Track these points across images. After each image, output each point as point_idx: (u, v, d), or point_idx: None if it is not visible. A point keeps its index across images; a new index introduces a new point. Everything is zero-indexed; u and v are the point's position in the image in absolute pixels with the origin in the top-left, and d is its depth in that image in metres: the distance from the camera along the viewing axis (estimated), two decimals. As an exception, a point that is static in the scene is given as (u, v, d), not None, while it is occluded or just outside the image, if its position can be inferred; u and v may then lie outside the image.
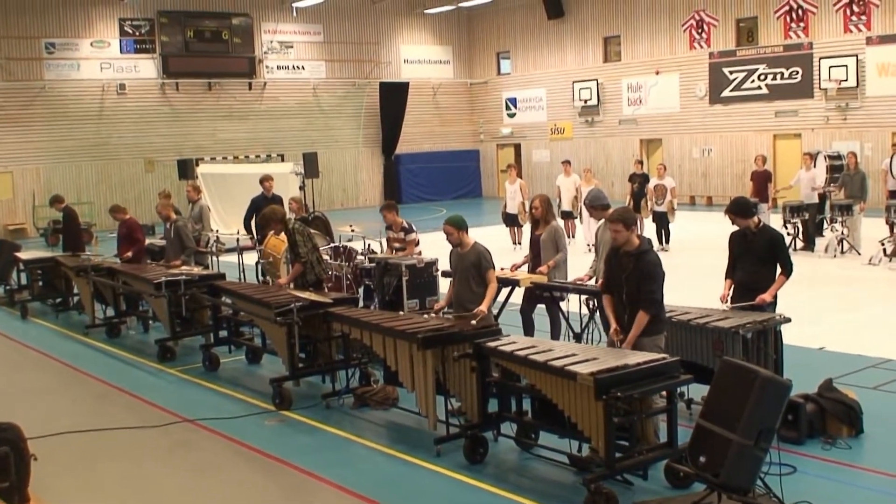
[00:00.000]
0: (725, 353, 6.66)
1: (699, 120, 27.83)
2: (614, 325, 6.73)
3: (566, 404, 5.85)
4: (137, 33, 28.47)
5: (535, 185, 28.83)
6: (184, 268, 11.30)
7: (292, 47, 31.31)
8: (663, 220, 17.46)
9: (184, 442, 7.60)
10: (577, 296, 8.89)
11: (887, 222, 14.98)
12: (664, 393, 6.05)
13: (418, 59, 34.12)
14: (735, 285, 7.66)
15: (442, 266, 9.71)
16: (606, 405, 5.54)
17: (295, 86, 31.32)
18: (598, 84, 30.39)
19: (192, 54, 29.18)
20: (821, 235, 16.97)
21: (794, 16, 24.88)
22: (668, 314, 7.02)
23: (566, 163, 19.49)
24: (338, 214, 23.50)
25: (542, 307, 9.23)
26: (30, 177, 26.67)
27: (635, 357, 5.98)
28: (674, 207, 17.40)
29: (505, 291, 9.12)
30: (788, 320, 7.19)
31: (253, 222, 13.70)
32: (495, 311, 8.62)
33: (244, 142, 29.61)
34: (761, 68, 25.87)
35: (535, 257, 9.39)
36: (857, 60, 23.37)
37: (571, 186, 18.51)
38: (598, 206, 8.78)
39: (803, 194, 17.00)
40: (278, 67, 31.02)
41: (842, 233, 15.65)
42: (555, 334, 9.11)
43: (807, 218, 16.42)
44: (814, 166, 17.40)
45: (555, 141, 32.27)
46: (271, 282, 11.31)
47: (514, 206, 18.28)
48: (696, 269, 14.27)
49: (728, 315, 7.21)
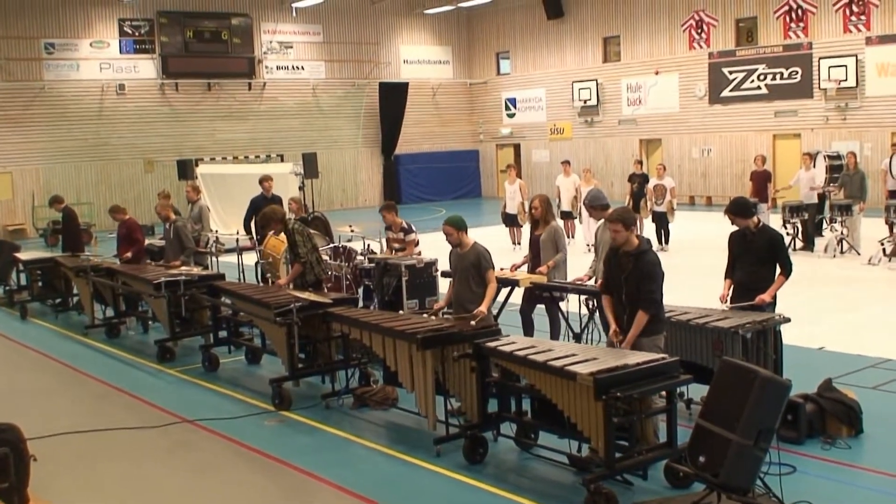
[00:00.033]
0: (725, 353, 6.67)
1: (699, 120, 27.83)
2: (614, 326, 6.72)
3: (566, 404, 5.85)
4: (137, 34, 28.47)
5: (534, 185, 28.84)
6: (183, 268, 11.30)
7: (292, 47, 31.30)
8: (663, 221, 17.46)
9: (183, 442, 7.60)
10: (577, 296, 8.90)
11: (887, 222, 14.98)
12: (664, 393, 6.06)
13: (418, 60, 34.12)
14: (734, 285, 7.67)
15: (441, 266, 9.71)
16: (606, 405, 5.54)
17: (294, 86, 31.31)
18: (597, 84, 30.39)
19: (191, 54, 29.18)
20: (820, 235, 16.97)
21: (793, 16, 24.88)
22: (668, 314, 7.02)
23: (566, 163, 19.49)
24: (337, 215, 23.52)
25: (541, 307, 9.23)
26: (29, 177, 26.67)
27: (635, 357, 5.98)
28: (673, 207, 17.40)
29: (504, 292, 9.12)
30: (788, 320, 7.19)
31: (252, 223, 13.70)
32: (495, 312, 8.62)
33: (244, 142, 29.62)
34: (761, 68, 25.88)
35: (534, 257, 9.39)
36: (856, 60, 23.38)
37: (571, 186, 18.51)
38: (597, 206, 8.78)
39: (803, 194, 17.00)
40: (278, 68, 31.02)
41: (841, 233, 15.65)
42: (554, 334, 9.11)
43: (806, 218, 16.42)
44: (813, 166, 17.39)
45: (554, 141, 32.27)
46: (271, 282, 11.31)
47: (514, 206, 18.27)
48: (696, 269, 14.27)
49: (728, 315, 7.20)
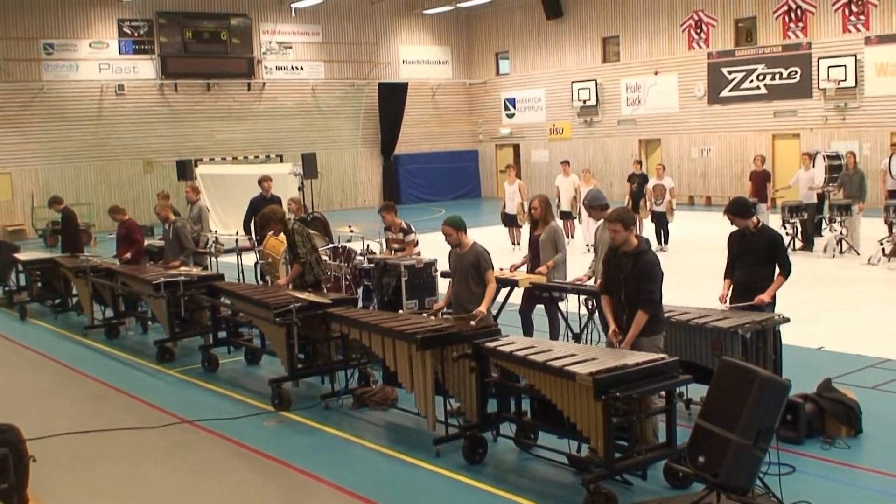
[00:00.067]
0: (724, 353, 6.67)
1: (698, 120, 27.83)
2: (613, 326, 6.72)
3: (565, 404, 5.85)
4: (136, 34, 28.47)
5: (533, 185, 28.85)
6: (182, 269, 11.30)
7: (291, 48, 31.30)
8: (662, 221, 17.47)
9: (183, 443, 7.60)
10: (576, 296, 8.90)
11: (886, 222, 14.97)
12: (663, 393, 6.06)
13: (417, 60, 34.12)
14: (734, 285, 7.67)
15: (441, 266, 9.71)
16: (605, 405, 5.54)
17: (294, 86, 31.31)
18: (596, 84, 30.39)
19: (190, 55, 29.18)
20: (819, 235, 16.97)
21: (792, 16, 24.88)
22: (667, 314, 7.02)
23: (565, 163, 19.49)
24: (337, 215, 23.52)
25: (541, 307, 9.23)
26: (28, 178, 26.66)
27: (634, 357, 5.98)
28: (673, 208, 17.41)
29: (504, 292, 9.12)
30: (787, 320, 7.20)
31: (252, 223, 13.69)
32: (494, 312, 8.62)
33: (243, 142, 29.62)
34: (760, 68, 25.88)
35: (534, 258, 9.39)
36: (855, 60, 23.38)
37: (570, 187, 18.52)
38: (596, 206, 8.78)
39: (802, 194, 17.01)
40: (277, 68, 31.02)
41: (840, 233, 15.65)
42: (554, 334, 9.11)
43: (805, 218, 16.42)
44: (812, 166, 17.39)
45: (554, 141, 32.27)
46: (270, 282, 11.31)
47: (513, 206, 18.27)
48: (695, 269, 14.28)
49: (727, 315, 7.20)
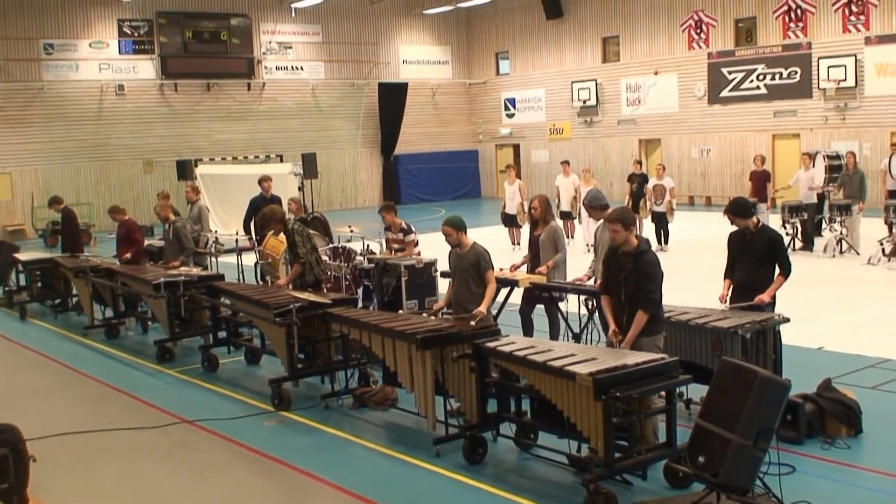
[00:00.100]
0: (724, 353, 6.67)
1: (698, 120, 27.83)
2: (613, 326, 6.72)
3: (565, 404, 5.85)
4: (136, 34, 28.47)
5: (533, 185, 28.85)
6: (182, 269, 11.30)
7: (291, 48, 31.30)
8: (662, 221, 17.47)
9: (183, 443, 7.60)
10: (576, 296, 8.90)
11: (886, 222, 14.97)
12: (663, 393, 6.06)
13: (417, 60, 34.12)
14: (734, 285, 7.67)
15: (441, 267, 9.71)
16: (605, 405, 5.54)
17: (294, 86, 31.30)
18: (596, 84, 30.39)
19: (190, 55, 29.18)
20: (819, 235, 16.97)
21: (792, 16, 24.89)
22: (667, 314, 7.02)
23: (565, 163, 19.49)
24: (337, 215, 23.52)
25: (541, 307, 9.23)
26: (28, 178, 26.66)
27: (634, 357, 5.97)
28: (673, 208, 17.41)
29: (504, 292, 9.12)
30: (787, 320, 7.20)
31: (252, 223, 13.69)
32: (494, 312, 8.62)
33: (243, 142, 29.62)
34: (760, 68, 25.88)
35: (534, 258, 9.39)
36: (855, 60, 23.38)
37: (570, 187, 18.51)
38: (596, 206, 8.78)
39: (802, 194, 17.01)
40: (277, 68, 31.01)
41: (840, 233, 15.65)
42: (554, 335, 9.11)
43: (805, 218, 16.42)
44: (812, 166, 17.39)
45: (554, 141, 32.27)
46: (270, 282, 11.30)
47: (513, 206, 18.27)
48: (695, 269, 14.28)
49: (727, 315, 7.20)
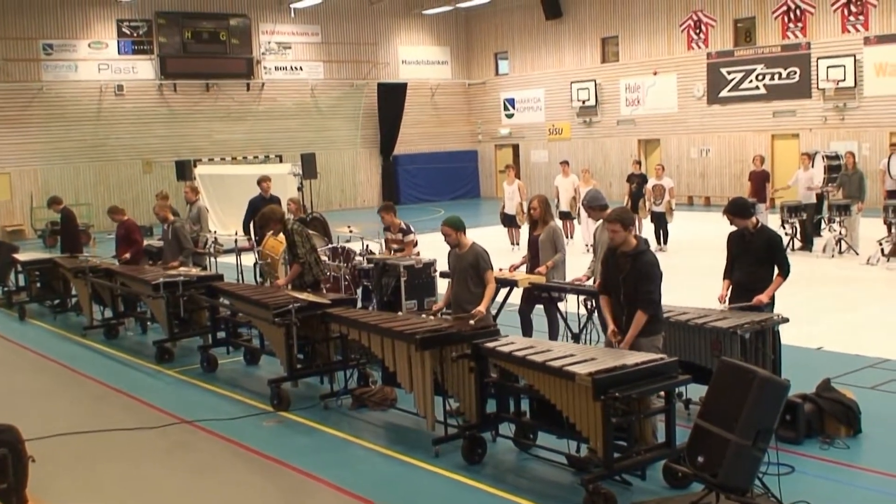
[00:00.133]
0: (723, 354, 6.67)
1: (697, 120, 27.83)
2: (612, 326, 6.72)
3: (564, 405, 5.85)
4: (135, 34, 28.46)
5: (533, 185, 28.86)
6: (182, 269, 11.29)
7: (290, 48, 31.29)
8: (661, 221, 17.47)
9: (182, 443, 7.60)
10: (576, 296, 8.89)
11: (885, 222, 14.98)
12: (662, 393, 6.06)
13: (416, 60, 34.11)
14: (733, 285, 7.67)
15: (440, 267, 9.71)
16: (605, 405, 5.54)
17: (293, 87, 31.30)
18: (595, 84, 30.39)
19: (189, 55, 29.17)
20: (819, 235, 16.98)
21: (791, 16, 24.89)
22: (667, 314, 7.02)
23: (564, 163, 19.49)
24: (336, 215, 23.52)
25: (540, 308, 9.23)
26: (28, 178, 26.65)
27: (633, 357, 5.97)
28: (672, 208, 17.41)
29: (503, 292, 9.12)
30: (786, 320, 7.20)
31: (251, 224, 13.68)
32: (494, 312, 8.62)
33: (242, 143, 29.61)
34: (759, 68, 25.88)
35: (533, 258, 9.39)
36: (854, 60, 23.39)
37: (570, 187, 18.52)
38: (596, 206, 8.77)
39: (801, 194, 17.02)
40: (276, 68, 31.00)
41: (840, 233, 15.65)
42: (553, 335, 9.11)
43: (805, 218, 16.43)
44: (812, 166, 17.40)
45: (553, 141, 32.28)
46: (269, 283, 11.30)
47: (513, 206, 18.27)
48: (694, 269, 14.27)
49: (726, 315, 7.20)
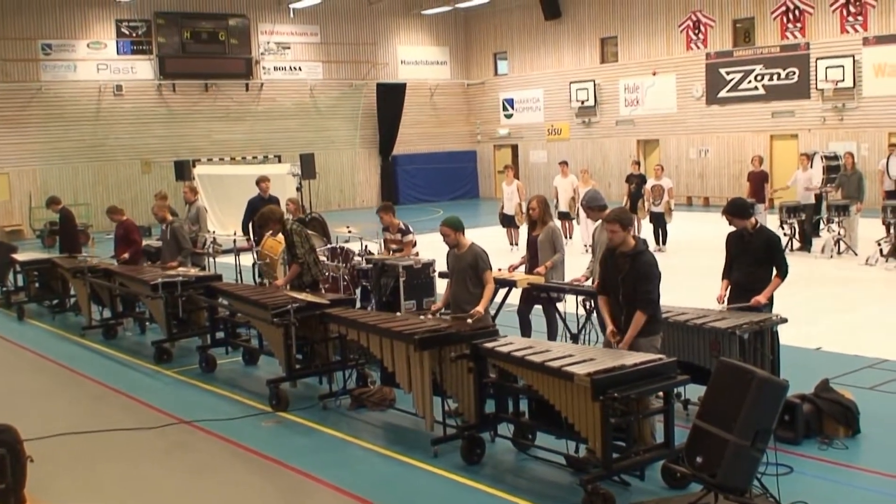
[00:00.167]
0: (722, 354, 6.67)
1: (696, 121, 27.84)
2: (611, 326, 6.72)
3: (563, 405, 5.84)
4: (134, 34, 28.45)
5: (532, 185, 28.87)
6: (180, 269, 11.29)
7: (289, 48, 31.28)
8: (660, 221, 17.47)
9: (180, 443, 7.59)
10: (574, 296, 8.89)
11: (884, 223, 14.97)
12: (661, 393, 6.06)
13: (415, 60, 34.12)
14: (731, 286, 7.67)
15: (439, 267, 9.71)
16: (603, 406, 5.54)
17: (292, 87, 31.30)
18: (594, 85, 30.40)
19: (188, 55, 29.16)
20: (817, 236, 16.99)
21: (790, 16, 24.91)
22: (665, 315, 7.02)
23: (563, 164, 19.50)
24: (335, 215, 23.52)
25: (539, 308, 9.23)
26: (26, 178, 26.64)
27: (632, 358, 5.97)
28: (671, 208, 17.41)
29: (502, 292, 9.12)
30: (785, 321, 7.19)
31: (250, 224, 13.68)
32: (492, 312, 8.62)
33: (241, 143, 29.61)
34: (758, 69, 25.90)
35: (532, 258, 9.39)
36: (853, 61, 23.40)
37: (569, 187, 18.52)
38: (595, 206, 8.77)
39: (800, 195, 17.02)
40: (275, 68, 31.00)
41: (838, 233, 15.66)
42: (552, 335, 9.11)
43: (803, 218, 16.43)
44: (810, 167, 17.40)
45: (552, 142, 32.28)
46: (268, 283, 11.29)
47: (512, 206, 18.28)
48: (693, 269, 14.27)
49: (725, 315, 7.20)
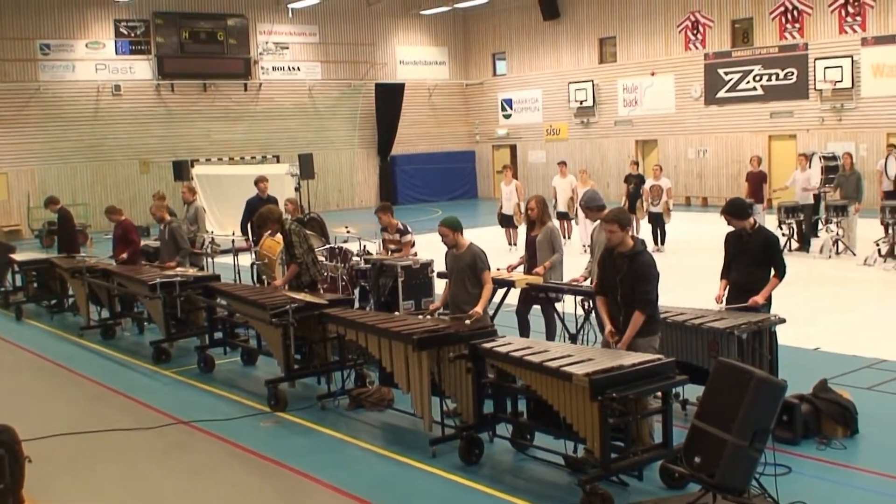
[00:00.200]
0: (720, 354, 6.67)
1: (694, 121, 27.85)
2: (609, 327, 6.72)
3: (562, 405, 5.84)
4: (132, 34, 28.44)
5: (530, 186, 28.86)
6: (179, 269, 11.28)
7: (288, 48, 31.27)
8: (659, 221, 17.47)
9: (179, 443, 7.59)
10: (573, 297, 8.90)
11: (882, 223, 14.98)
12: (659, 394, 6.06)
13: (414, 61, 34.11)
14: (730, 286, 7.67)
15: (437, 267, 9.71)
16: (602, 406, 5.54)
17: (290, 87, 31.29)
18: (593, 85, 30.41)
19: (187, 55, 29.15)
20: (816, 236, 16.99)
21: (789, 17, 24.92)
22: (664, 315, 7.02)
23: (562, 164, 19.49)
24: (333, 216, 23.51)
25: (537, 308, 9.23)
26: (25, 178, 26.62)
27: (630, 358, 5.97)
28: (670, 208, 17.41)
29: (501, 292, 9.12)
30: (783, 321, 7.20)
31: (249, 224, 13.68)
32: (491, 312, 8.62)
33: (239, 143, 29.60)
34: (756, 69, 25.91)
35: (530, 258, 9.39)
36: (852, 61, 23.42)
37: (567, 187, 18.52)
38: (593, 206, 8.77)
39: (798, 195, 17.02)
40: (274, 68, 30.99)
41: (837, 233, 15.67)
42: (550, 335, 9.11)
43: (802, 219, 16.44)
44: (809, 167, 17.41)
45: (550, 142, 32.29)
46: (267, 283, 11.29)
47: (510, 207, 18.28)
48: (692, 269, 14.29)
49: (723, 316, 7.21)
